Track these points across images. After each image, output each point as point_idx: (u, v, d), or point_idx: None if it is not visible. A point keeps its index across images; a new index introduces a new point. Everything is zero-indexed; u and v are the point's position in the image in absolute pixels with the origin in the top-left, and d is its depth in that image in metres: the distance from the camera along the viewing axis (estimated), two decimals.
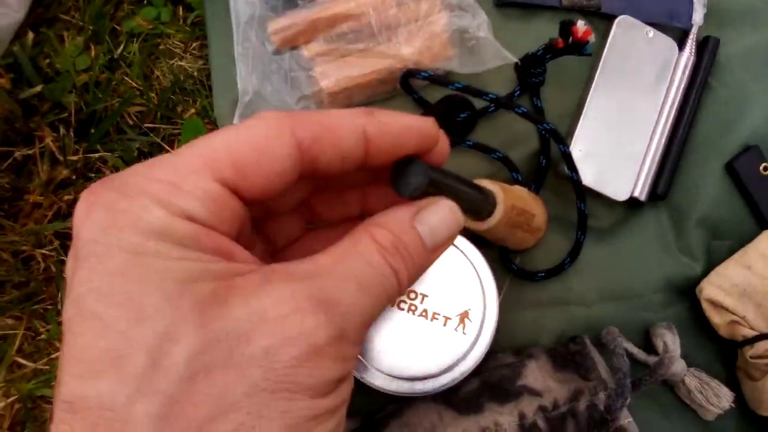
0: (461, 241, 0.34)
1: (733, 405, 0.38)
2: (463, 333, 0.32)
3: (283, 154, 0.20)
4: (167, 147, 0.43)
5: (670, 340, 0.36)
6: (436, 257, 0.23)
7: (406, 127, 0.23)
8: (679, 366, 0.39)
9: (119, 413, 0.17)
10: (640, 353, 0.38)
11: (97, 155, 0.42)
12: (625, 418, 0.35)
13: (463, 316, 0.33)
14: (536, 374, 0.37)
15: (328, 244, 0.21)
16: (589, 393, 0.35)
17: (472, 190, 0.26)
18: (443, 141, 0.24)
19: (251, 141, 0.20)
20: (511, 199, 0.32)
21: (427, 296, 0.33)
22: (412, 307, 0.33)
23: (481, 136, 0.42)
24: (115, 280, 0.18)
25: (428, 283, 0.33)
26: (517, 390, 0.36)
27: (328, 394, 0.20)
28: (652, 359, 0.37)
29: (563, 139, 0.38)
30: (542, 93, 0.43)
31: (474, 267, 0.33)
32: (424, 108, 0.42)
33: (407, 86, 0.40)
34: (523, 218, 0.33)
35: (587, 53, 0.37)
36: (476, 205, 0.28)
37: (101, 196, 0.19)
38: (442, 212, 0.23)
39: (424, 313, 0.32)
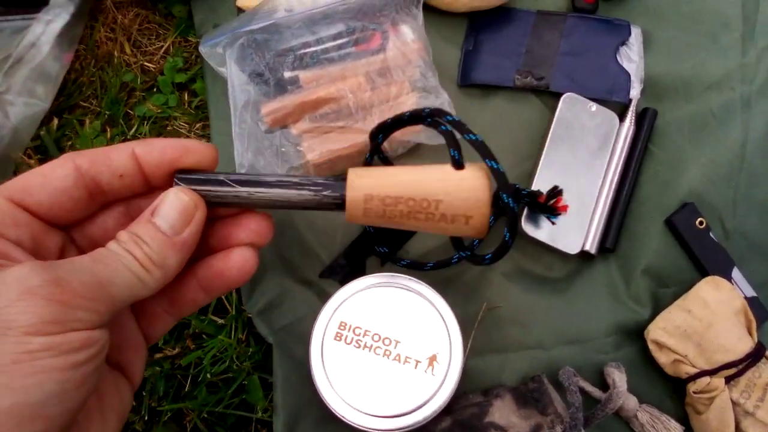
0: (429, 292, 0.37)
1: None
2: (432, 374, 0.36)
3: (62, 176, 0.28)
4: None
5: (617, 377, 0.40)
6: (188, 236, 0.29)
7: (167, 144, 0.30)
8: (631, 402, 0.42)
9: None
10: (594, 390, 0.41)
11: None
12: None
13: (432, 359, 0.36)
14: (501, 411, 0.40)
15: None
16: (547, 427, 0.38)
17: (280, 189, 0.31)
18: (208, 153, 0.31)
19: (38, 171, 0.28)
20: (368, 188, 0.31)
21: (399, 342, 0.36)
22: (387, 352, 0.36)
23: None
24: None
25: (400, 330, 0.36)
26: (485, 426, 0.39)
27: (47, 334, 0.22)
28: (604, 395, 0.40)
29: (491, 154, 0.32)
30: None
31: (441, 315, 0.37)
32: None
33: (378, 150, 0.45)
34: (406, 207, 0.31)
35: (552, 221, 0.42)
36: (305, 201, 0.32)
37: None
38: (168, 201, 0.29)
39: (397, 358, 0.36)
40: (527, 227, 0.45)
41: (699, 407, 0.41)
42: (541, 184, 0.46)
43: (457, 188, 0.31)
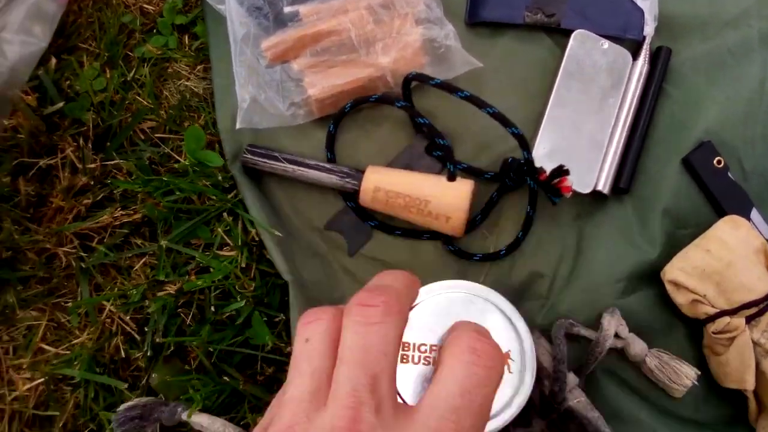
0: (481, 289, 0.32)
1: (696, 383, 0.38)
2: (509, 372, 0.31)
3: None
4: (176, 156, 0.44)
5: (605, 322, 0.37)
6: None
7: None
8: (638, 347, 0.38)
9: None
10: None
11: (112, 162, 0.44)
12: (575, 399, 0.34)
13: (506, 357, 0.31)
14: None
15: None
16: (539, 382, 0.35)
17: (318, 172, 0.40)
18: None
19: None
20: (378, 182, 0.39)
21: None
22: None
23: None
24: None
25: None
26: None
27: None
28: (618, 342, 0.37)
29: (528, 145, 0.39)
30: (507, 101, 0.43)
31: (500, 310, 0.31)
32: (413, 119, 0.42)
33: (408, 92, 0.41)
34: (403, 201, 0.39)
35: (554, 201, 0.40)
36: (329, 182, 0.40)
37: None
38: None
39: None
40: (536, 164, 0.41)
41: (718, 348, 0.37)
42: (551, 121, 0.42)
43: (444, 194, 0.39)
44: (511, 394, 0.30)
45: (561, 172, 0.38)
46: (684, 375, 0.38)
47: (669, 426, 0.38)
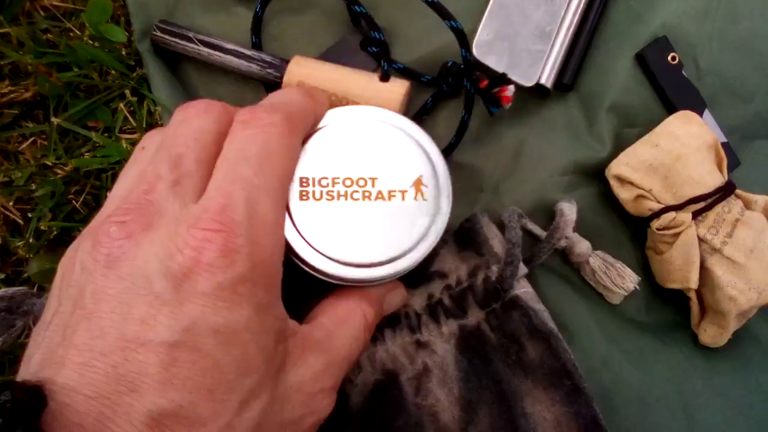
0: (387, 115, 0.30)
1: (637, 287, 0.35)
2: (423, 199, 0.28)
3: None
4: (78, 32, 0.39)
5: (566, 208, 0.33)
6: None
7: None
8: (583, 246, 0.35)
9: None
10: (543, 233, 0.34)
11: (1, 31, 0.38)
12: (521, 288, 0.31)
13: (418, 183, 0.29)
14: (446, 258, 0.34)
15: None
16: (484, 267, 0.32)
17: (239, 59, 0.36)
18: None
19: None
20: (302, 76, 0.35)
21: (376, 179, 0.28)
22: (367, 194, 0.28)
23: None
24: None
25: (372, 165, 0.28)
26: (429, 275, 0.34)
27: None
28: (563, 241, 0.34)
29: (467, 43, 0.34)
30: None
31: (406, 133, 0.29)
32: (349, 7, 0.37)
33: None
34: (329, 99, 0.34)
35: (491, 111, 0.36)
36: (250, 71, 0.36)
37: None
38: (399, 296, 0.31)
39: (380, 195, 0.28)
40: (479, 51, 0.37)
41: (661, 246, 0.35)
42: (496, 6, 0.38)
43: (374, 96, 0.34)
44: (429, 222, 0.28)
45: (502, 80, 0.35)
46: (628, 278, 0.35)
47: (608, 330, 0.35)
